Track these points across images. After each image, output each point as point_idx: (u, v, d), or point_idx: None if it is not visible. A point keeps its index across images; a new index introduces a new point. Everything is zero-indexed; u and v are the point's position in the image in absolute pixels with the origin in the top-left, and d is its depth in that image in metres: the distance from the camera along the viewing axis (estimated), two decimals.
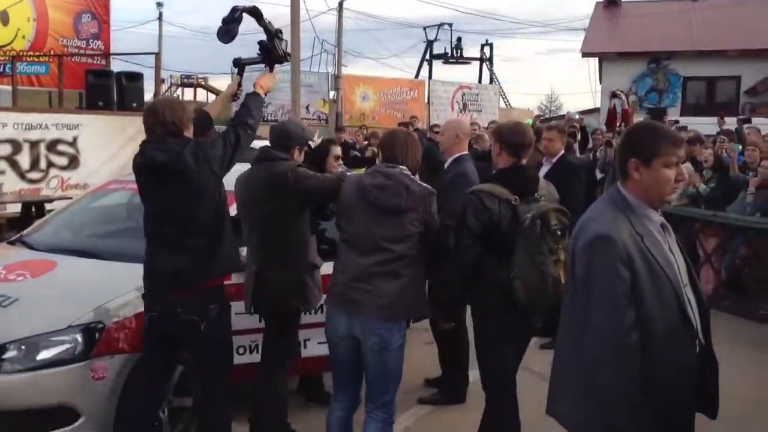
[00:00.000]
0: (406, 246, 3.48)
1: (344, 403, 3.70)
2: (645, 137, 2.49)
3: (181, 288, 3.49)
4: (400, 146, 3.60)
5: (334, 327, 3.57)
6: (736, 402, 4.98)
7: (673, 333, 2.39)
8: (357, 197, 3.54)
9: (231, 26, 3.86)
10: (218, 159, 3.49)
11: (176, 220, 3.51)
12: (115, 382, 3.88)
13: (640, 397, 2.31)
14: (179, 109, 3.55)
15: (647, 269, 2.37)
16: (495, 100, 27.54)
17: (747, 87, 22.11)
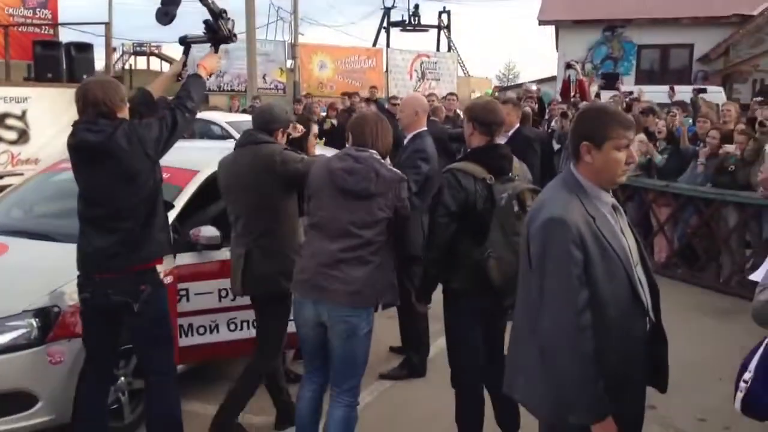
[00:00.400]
0: (375, 231, 3.43)
1: (315, 384, 3.70)
2: (596, 121, 2.53)
3: (109, 271, 3.44)
4: (371, 129, 3.54)
5: (302, 313, 3.54)
6: (689, 370, 5.17)
7: (625, 311, 2.47)
8: (325, 180, 3.48)
9: (170, 8, 3.83)
10: (153, 141, 3.40)
11: (106, 202, 3.44)
12: (72, 366, 3.86)
13: (593, 375, 2.38)
14: (111, 89, 3.44)
15: (599, 250, 2.43)
16: (453, 69, 27.55)
17: (700, 54, 22.47)
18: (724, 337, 5.51)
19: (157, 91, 3.90)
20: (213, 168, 4.89)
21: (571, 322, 2.37)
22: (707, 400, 4.67)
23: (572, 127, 2.64)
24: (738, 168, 7.28)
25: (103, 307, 3.50)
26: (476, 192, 3.49)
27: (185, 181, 4.82)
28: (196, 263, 4.56)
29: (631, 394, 2.55)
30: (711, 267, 7.94)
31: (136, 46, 35.72)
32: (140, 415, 4.26)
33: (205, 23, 3.90)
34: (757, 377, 2.24)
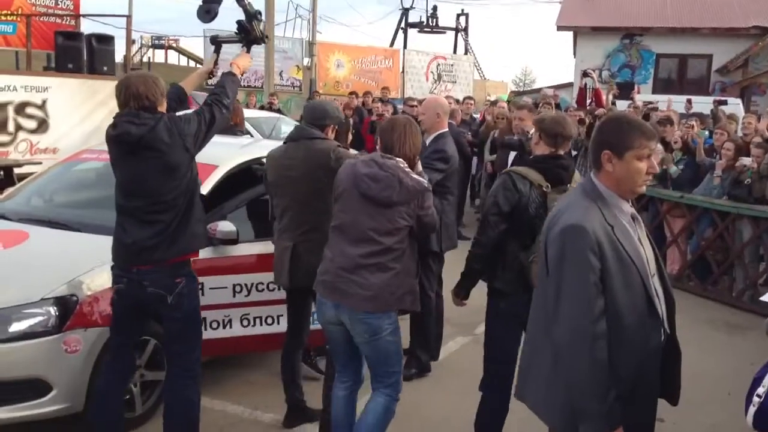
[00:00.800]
0: (395, 239, 3.44)
1: (347, 383, 3.71)
2: (618, 130, 2.54)
3: (147, 263, 3.49)
4: (398, 135, 3.53)
5: (324, 314, 3.57)
6: (698, 384, 5.16)
7: (640, 321, 2.48)
8: (350, 184, 3.49)
9: (212, 6, 3.92)
10: (192, 136, 3.49)
11: (145, 194, 3.48)
12: (88, 356, 3.89)
13: (606, 384, 2.39)
14: (153, 84, 3.50)
15: (617, 259, 2.44)
16: (470, 72, 27.52)
17: (718, 65, 22.36)
18: (734, 352, 5.49)
19: (189, 87, 3.97)
20: (232, 163, 4.96)
21: (586, 329, 2.38)
22: (716, 414, 4.67)
23: (594, 136, 2.65)
24: (754, 181, 7.25)
25: (138, 298, 3.54)
26: (530, 197, 3.55)
27: (204, 176, 4.84)
28: (212, 258, 4.60)
29: (642, 406, 2.56)
30: (724, 281, 7.91)
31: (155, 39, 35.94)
32: (152, 406, 4.31)
33: (238, 23, 3.97)
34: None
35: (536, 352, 2.66)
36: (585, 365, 2.39)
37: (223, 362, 5.00)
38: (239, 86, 3.90)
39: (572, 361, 2.42)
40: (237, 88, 3.84)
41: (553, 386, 2.54)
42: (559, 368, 2.48)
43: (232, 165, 4.96)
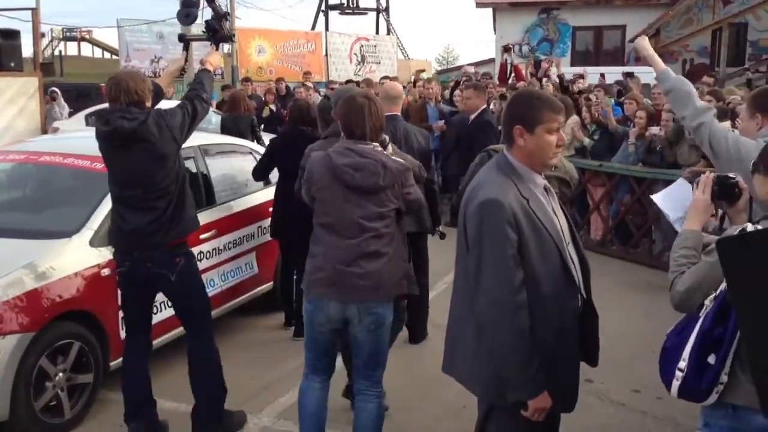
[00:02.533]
0: (384, 223, 3.39)
1: (323, 376, 3.63)
2: (528, 105, 2.60)
3: (148, 247, 3.77)
4: (358, 116, 3.41)
5: (323, 312, 3.42)
6: (623, 344, 5.37)
7: (558, 289, 2.56)
8: (329, 177, 3.38)
9: (191, 9, 4.29)
10: (178, 128, 3.77)
11: (140, 184, 3.73)
12: (8, 363, 3.77)
13: (529, 351, 2.47)
14: (140, 81, 3.78)
15: (532, 230, 2.51)
16: (393, 52, 27.53)
17: (632, 35, 23.01)
18: (657, 311, 5.67)
19: (164, 83, 4.31)
20: None
21: (507, 301, 2.45)
22: (641, 372, 4.84)
23: (505, 111, 2.70)
24: (664, 147, 7.53)
25: (141, 278, 3.84)
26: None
27: None
28: None
29: (565, 369, 2.64)
30: (644, 243, 8.20)
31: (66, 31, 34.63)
32: (80, 410, 4.22)
33: (206, 23, 4.29)
34: (691, 366, 2.32)
35: (460, 325, 2.70)
36: (508, 335, 2.45)
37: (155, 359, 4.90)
38: (213, 82, 4.19)
39: (495, 332, 2.48)
40: (212, 83, 4.15)
41: (478, 358, 2.60)
42: (483, 339, 2.54)
43: None
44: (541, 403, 2.51)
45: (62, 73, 28.99)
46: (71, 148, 5.14)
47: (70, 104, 14.58)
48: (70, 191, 4.98)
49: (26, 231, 4.40)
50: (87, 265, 4.26)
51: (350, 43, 25.10)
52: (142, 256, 3.78)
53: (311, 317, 3.49)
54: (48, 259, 4.12)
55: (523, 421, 2.55)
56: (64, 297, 4.09)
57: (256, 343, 5.39)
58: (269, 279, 5.97)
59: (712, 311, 2.35)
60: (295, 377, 4.83)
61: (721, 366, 2.30)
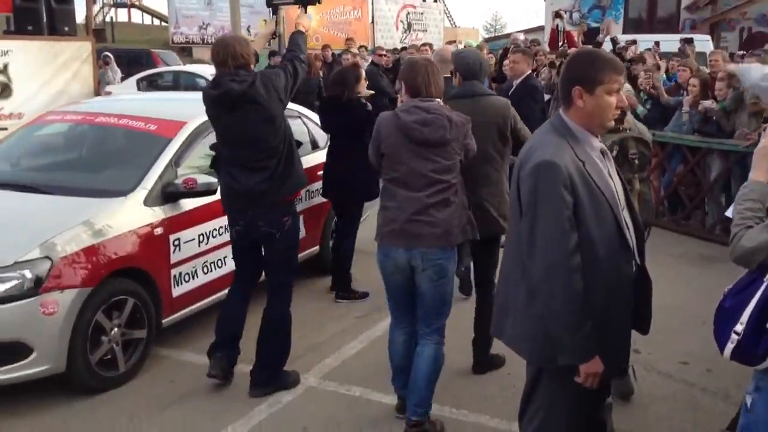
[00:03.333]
0: (453, 174, 3.60)
1: (407, 327, 3.82)
2: (588, 65, 2.53)
3: (260, 205, 3.95)
4: (422, 76, 3.60)
5: (394, 260, 3.62)
6: (672, 315, 5.28)
7: (612, 253, 2.52)
8: (397, 135, 3.57)
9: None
10: (283, 89, 3.94)
11: (252, 144, 3.92)
12: (66, 317, 3.89)
13: (582, 314, 2.44)
14: (245, 45, 3.98)
15: (588, 193, 2.47)
16: (440, 20, 27.25)
17: (687, 3, 22.30)
18: (707, 283, 5.59)
19: (258, 48, 4.43)
20: (200, 119, 4.90)
21: (562, 264, 2.42)
22: (690, 343, 4.78)
23: (564, 72, 2.63)
24: (720, 117, 7.31)
25: (253, 236, 4.06)
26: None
27: (174, 132, 4.81)
28: (183, 212, 4.62)
29: (617, 335, 2.61)
30: (696, 215, 8.02)
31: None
32: (134, 365, 4.34)
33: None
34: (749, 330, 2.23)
35: (511, 288, 2.69)
36: (561, 297, 2.43)
37: (204, 317, 5.02)
38: (306, 43, 4.32)
39: (549, 294, 2.46)
40: (306, 44, 4.28)
41: (529, 321, 2.58)
42: (536, 302, 2.52)
43: (201, 121, 4.91)
44: (593, 368, 2.48)
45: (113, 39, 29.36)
46: (126, 110, 5.24)
47: (122, 70, 14.82)
48: (125, 151, 5.09)
49: (83, 189, 4.51)
50: (141, 224, 4.35)
51: (397, 10, 24.89)
52: (255, 215, 3.98)
53: (382, 265, 3.71)
54: (104, 216, 4.22)
55: (572, 385, 2.53)
56: (120, 254, 4.20)
57: (303, 305, 5.44)
58: (316, 243, 6.02)
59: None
60: (339, 340, 4.94)
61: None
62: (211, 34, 23.18)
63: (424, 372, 3.67)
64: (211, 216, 4.78)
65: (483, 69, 4.37)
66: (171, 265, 4.55)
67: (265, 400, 4.13)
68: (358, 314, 5.40)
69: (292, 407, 4.11)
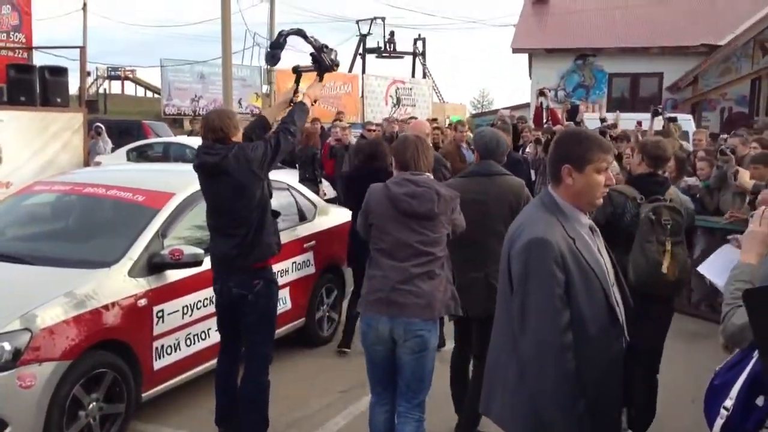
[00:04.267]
0: (440, 248, 3.64)
1: (386, 405, 3.77)
2: (578, 144, 2.57)
3: (232, 268, 4.12)
4: (412, 152, 3.72)
5: (376, 330, 3.62)
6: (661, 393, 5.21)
7: (603, 331, 2.50)
8: (386, 206, 3.63)
9: (276, 51, 4.63)
10: (258, 161, 4.03)
11: (225, 213, 4.13)
12: (44, 390, 3.79)
13: (574, 394, 2.40)
14: (226, 118, 4.14)
15: (579, 271, 2.46)
16: (428, 95, 27.84)
17: (669, 83, 22.94)
18: (695, 360, 5.56)
19: (271, 116, 4.56)
20: (189, 191, 4.92)
21: (553, 342, 2.39)
22: (680, 422, 4.71)
23: (553, 150, 2.66)
24: (704, 195, 7.43)
25: (227, 297, 4.19)
26: (625, 207, 4.21)
27: (162, 203, 4.82)
28: (168, 283, 4.57)
29: (608, 415, 2.56)
30: (682, 292, 8.03)
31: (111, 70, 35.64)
32: None
33: (311, 56, 4.53)
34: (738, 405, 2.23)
35: (501, 366, 2.64)
36: (552, 377, 2.39)
37: (185, 391, 4.91)
38: (308, 115, 4.44)
39: (540, 374, 2.42)
40: (306, 117, 4.40)
41: (519, 400, 2.53)
42: (527, 381, 2.47)
43: (189, 192, 4.94)
44: None
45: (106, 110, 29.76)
46: (114, 181, 5.25)
47: (113, 140, 14.94)
48: (112, 222, 5.06)
49: (68, 260, 4.47)
50: (125, 295, 4.30)
51: (386, 85, 25.45)
52: (228, 277, 4.15)
53: (364, 335, 3.71)
54: (87, 288, 4.16)
55: None
56: (101, 326, 4.12)
57: (287, 379, 5.36)
58: (302, 315, 5.97)
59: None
60: (323, 415, 4.83)
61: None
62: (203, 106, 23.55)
63: None
64: (196, 287, 4.74)
65: (500, 147, 4.40)
66: (154, 337, 4.48)
67: None
68: (342, 389, 5.30)
69: None
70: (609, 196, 4.04)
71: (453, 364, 4.54)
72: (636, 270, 4.08)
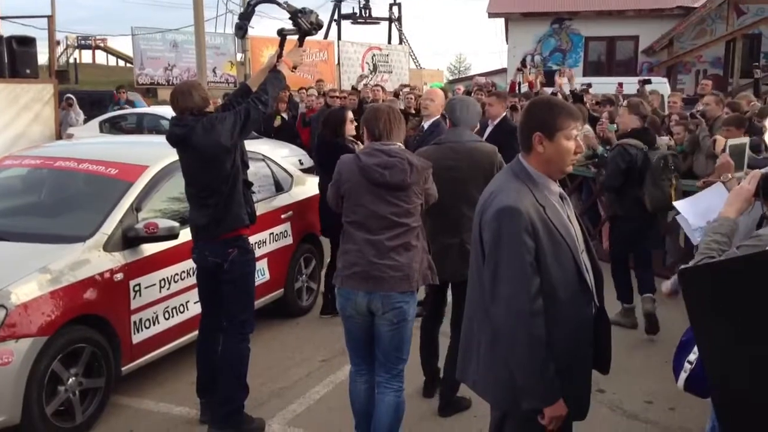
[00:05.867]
0: (414, 218, 3.61)
1: (367, 375, 3.78)
2: (548, 112, 2.59)
3: (205, 238, 4.15)
4: (384, 122, 3.66)
5: (354, 303, 3.60)
6: (636, 354, 5.34)
7: (573, 296, 2.54)
8: (358, 177, 3.57)
9: (244, 23, 4.59)
10: (226, 132, 3.98)
11: (195, 183, 4.13)
12: (21, 367, 3.78)
13: (545, 359, 2.45)
14: (194, 90, 4.12)
15: (549, 238, 2.50)
16: (405, 61, 27.58)
17: (644, 46, 22.99)
18: (669, 321, 5.66)
19: (254, 83, 4.40)
20: (163, 163, 4.88)
21: (524, 308, 2.43)
22: (654, 382, 4.81)
23: (523, 119, 2.68)
24: (678, 158, 7.49)
25: (203, 266, 4.24)
26: (636, 155, 5.73)
27: (135, 176, 4.78)
28: (144, 257, 4.56)
29: (579, 377, 2.62)
30: (656, 254, 8.13)
31: (81, 39, 34.92)
32: (91, 415, 4.22)
33: (291, 20, 4.38)
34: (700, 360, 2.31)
35: (474, 333, 2.69)
36: (524, 342, 2.44)
37: (165, 364, 4.92)
38: (284, 83, 4.35)
39: (512, 340, 2.46)
40: (281, 84, 4.32)
41: (492, 366, 2.58)
42: (499, 347, 2.52)
43: (163, 165, 4.89)
44: (557, 410, 2.49)
45: (77, 80, 29.23)
46: (86, 154, 5.19)
47: (85, 111, 14.68)
48: (85, 196, 5.02)
49: (41, 235, 4.43)
50: (100, 270, 4.27)
51: (362, 52, 25.17)
52: (204, 245, 4.17)
53: (342, 308, 3.68)
54: (62, 263, 4.14)
55: (536, 428, 2.53)
56: (78, 301, 4.11)
57: (267, 350, 5.39)
58: (280, 286, 5.98)
59: None
60: (304, 384, 4.87)
61: None
62: (177, 75, 23.17)
63: (384, 422, 3.64)
64: (172, 261, 4.73)
65: (471, 114, 4.42)
66: (131, 311, 4.47)
67: None
68: (322, 357, 5.34)
69: None
70: (625, 148, 5.72)
71: (423, 329, 4.58)
72: (653, 200, 5.66)
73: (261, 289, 5.61)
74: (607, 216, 8.42)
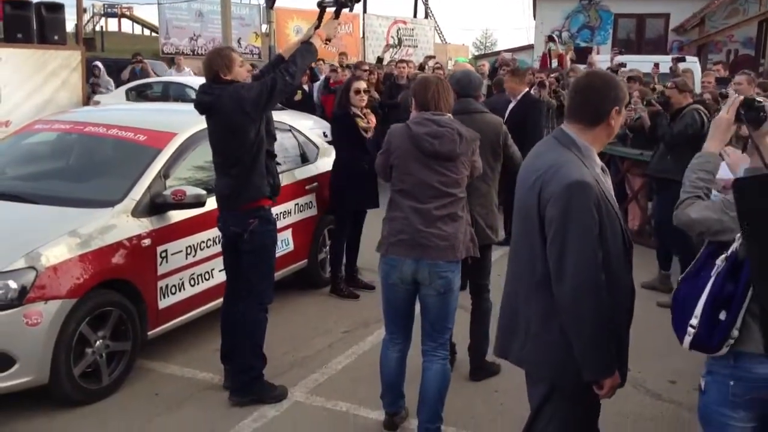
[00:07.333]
0: (460, 189, 3.65)
1: (400, 344, 3.82)
2: (619, 87, 2.61)
3: (228, 207, 4.18)
4: (432, 93, 3.67)
5: (399, 272, 3.62)
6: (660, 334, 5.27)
7: (622, 268, 2.57)
8: (408, 146, 3.60)
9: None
10: (251, 101, 3.96)
11: (219, 152, 4.16)
12: (50, 328, 3.84)
13: (611, 330, 2.48)
14: (224, 57, 4.08)
15: (606, 211, 2.50)
16: (430, 36, 27.31)
17: (675, 25, 22.58)
18: None
19: (287, 53, 4.42)
20: (191, 131, 4.89)
21: (594, 282, 2.43)
22: (678, 363, 4.77)
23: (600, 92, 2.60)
24: None
25: (226, 234, 4.25)
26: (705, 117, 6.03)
27: (164, 143, 4.79)
28: (171, 224, 4.59)
29: (624, 346, 2.64)
30: None
31: (107, 7, 34.94)
32: (117, 378, 4.28)
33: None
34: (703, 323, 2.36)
35: (519, 309, 2.66)
36: (593, 315, 2.44)
37: (190, 330, 4.98)
38: (316, 55, 4.33)
39: (581, 313, 2.44)
40: (312, 57, 4.30)
41: (546, 340, 2.56)
42: (559, 321, 2.50)
43: (191, 132, 4.90)
44: (616, 380, 2.53)
45: (103, 48, 29.31)
46: (115, 120, 5.21)
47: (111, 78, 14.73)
48: (114, 162, 5.05)
49: (70, 199, 4.47)
50: (128, 235, 4.31)
51: (388, 25, 24.92)
52: (227, 215, 4.20)
53: (385, 275, 3.70)
54: (91, 227, 4.17)
55: (580, 403, 2.58)
56: (106, 265, 4.15)
57: (290, 320, 5.43)
58: (304, 257, 5.99)
59: (724, 270, 2.35)
60: (327, 354, 4.90)
61: (732, 321, 2.32)
62: (202, 45, 23.14)
63: (434, 389, 3.69)
64: (199, 228, 4.75)
65: (474, 85, 4.44)
66: (158, 276, 4.51)
67: (250, 414, 4.09)
68: (345, 329, 5.37)
69: (277, 422, 4.06)
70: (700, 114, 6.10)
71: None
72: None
73: (285, 260, 5.65)
74: (634, 195, 8.36)
